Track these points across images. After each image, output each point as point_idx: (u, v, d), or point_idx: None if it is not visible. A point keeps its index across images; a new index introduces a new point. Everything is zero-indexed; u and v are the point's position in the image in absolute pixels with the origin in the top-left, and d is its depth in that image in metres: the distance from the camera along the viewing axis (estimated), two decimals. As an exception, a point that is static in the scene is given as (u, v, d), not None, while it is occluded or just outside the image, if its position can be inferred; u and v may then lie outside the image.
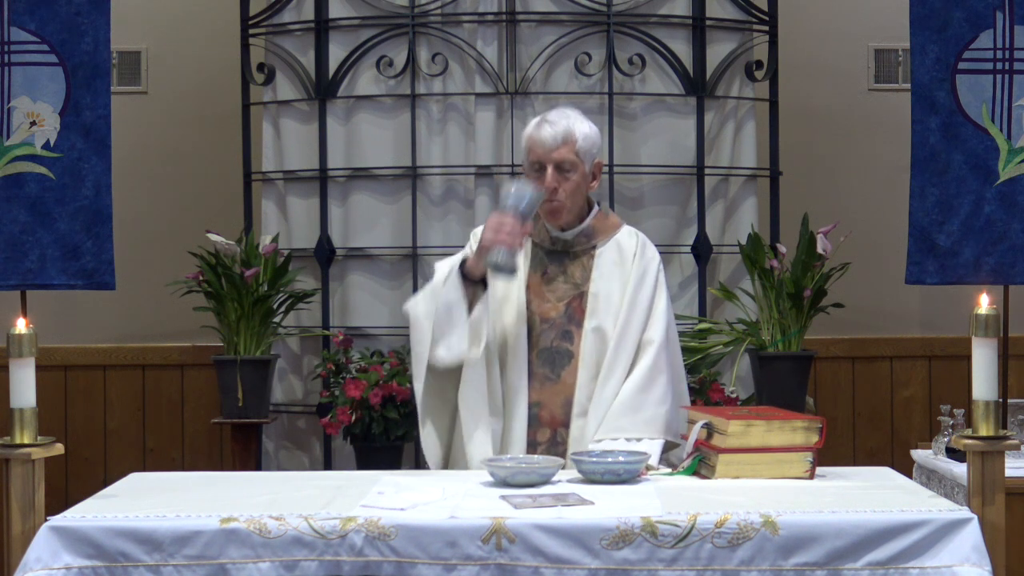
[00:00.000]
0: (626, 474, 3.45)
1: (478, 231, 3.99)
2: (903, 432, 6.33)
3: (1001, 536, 3.14)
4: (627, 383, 3.88)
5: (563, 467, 3.51)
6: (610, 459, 3.51)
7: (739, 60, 5.87)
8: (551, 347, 3.92)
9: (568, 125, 3.93)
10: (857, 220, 6.07)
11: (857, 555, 3.00)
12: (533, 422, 3.88)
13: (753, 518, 3.02)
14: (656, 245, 5.64)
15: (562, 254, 4.00)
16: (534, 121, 3.99)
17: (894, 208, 5.96)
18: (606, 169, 5.66)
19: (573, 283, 3.98)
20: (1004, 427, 4.26)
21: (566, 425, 3.88)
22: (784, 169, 5.94)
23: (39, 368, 3.28)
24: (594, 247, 4.01)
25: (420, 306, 3.95)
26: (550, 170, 3.90)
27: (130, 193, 6.06)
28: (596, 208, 4.06)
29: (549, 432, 3.88)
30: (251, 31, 5.93)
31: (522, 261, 3.94)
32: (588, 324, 3.92)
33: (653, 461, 3.76)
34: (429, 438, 3.98)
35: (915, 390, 6.38)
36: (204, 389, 6.26)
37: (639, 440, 3.81)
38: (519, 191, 3.84)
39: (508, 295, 3.94)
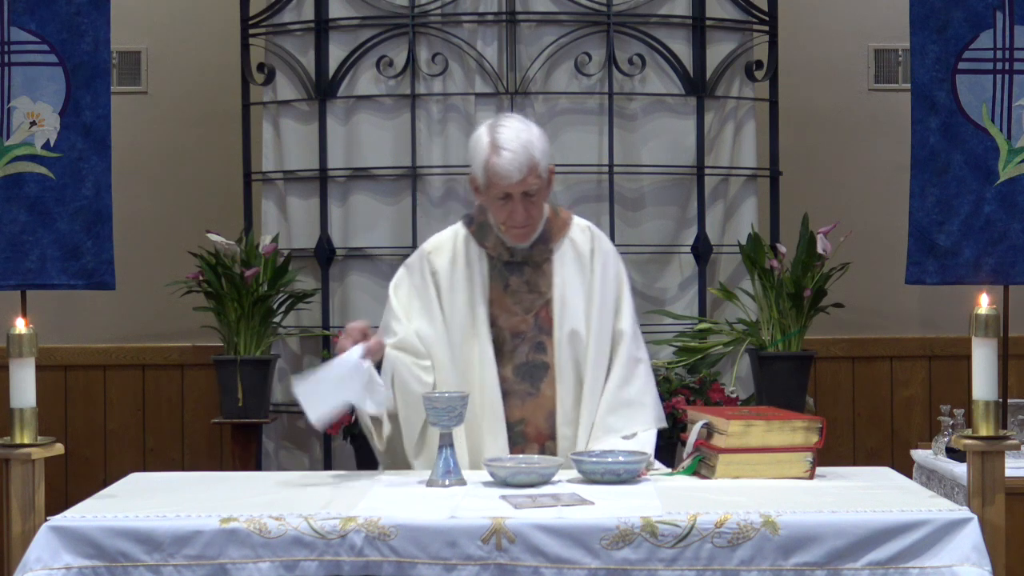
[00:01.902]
0: (626, 474, 3.45)
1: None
2: (903, 432, 6.33)
3: (1001, 536, 3.14)
4: (609, 382, 3.82)
5: (562, 467, 3.51)
6: (610, 459, 3.51)
7: (739, 60, 5.87)
8: (527, 361, 3.81)
9: (525, 149, 3.67)
10: (857, 220, 6.06)
11: (857, 555, 3.00)
12: (519, 439, 3.79)
13: (753, 518, 3.02)
14: (656, 245, 5.78)
15: (522, 264, 3.85)
16: (483, 145, 3.71)
17: (894, 208, 5.95)
18: (605, 169, 5.66)
19: (538, 292, 3.84)
20: (1004, 427, 4.26)
21: (552, 437, 3.81)
22: (784, 169, 5.94)
23: (39, 368, 3.28)
24: (552, 251, 3.85)
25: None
26: (517, 199, 3.71)
27: (130, 193, 6.06)
28: (546, 209, 3.87)
29: (537, 447, 3.80)
30: (251, 31, 5.93)
31: (479, 278, 3.82)
32: (560, 332, 3.81)
33: (649, 448, 3.73)
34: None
35: (915, 390, 6.38)
36: (204, 389, 6.25)
37: (634, 435, 3.77)
38: None
39: (474, 314, 3.81)
